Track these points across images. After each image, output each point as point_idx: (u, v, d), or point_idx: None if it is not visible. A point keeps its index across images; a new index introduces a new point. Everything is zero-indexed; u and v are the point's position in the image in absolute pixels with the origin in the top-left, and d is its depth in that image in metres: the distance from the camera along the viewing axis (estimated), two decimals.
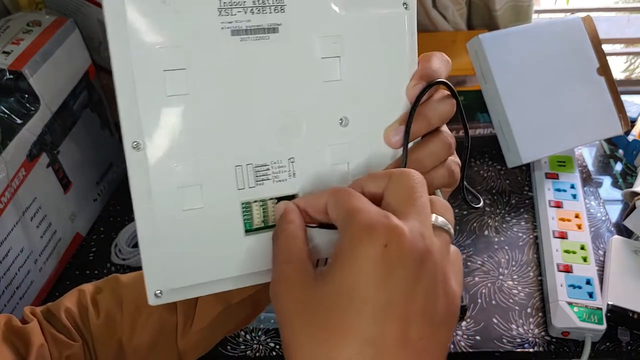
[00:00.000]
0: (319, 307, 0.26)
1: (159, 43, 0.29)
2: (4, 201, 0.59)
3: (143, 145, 0.29)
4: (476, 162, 0.87)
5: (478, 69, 0.77)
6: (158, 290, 0.31)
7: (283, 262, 0.28)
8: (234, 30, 0.30)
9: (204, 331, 0.42)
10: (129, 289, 0.43)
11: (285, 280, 0.27)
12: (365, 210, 0.26)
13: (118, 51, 0.28)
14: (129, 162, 0.30)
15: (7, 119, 0.60)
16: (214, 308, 0.41)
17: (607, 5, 1.20)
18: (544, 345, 0.64)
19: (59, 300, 0.44)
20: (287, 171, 0.32)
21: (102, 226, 0.79)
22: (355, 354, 0.24)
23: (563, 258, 0.68)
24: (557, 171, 0.80)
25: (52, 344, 0.41)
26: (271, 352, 0.65)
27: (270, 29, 0.30)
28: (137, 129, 0.29)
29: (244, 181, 0.32)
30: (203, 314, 0.41)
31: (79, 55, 0.71)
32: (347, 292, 0.25)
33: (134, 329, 0.42)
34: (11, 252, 0.62)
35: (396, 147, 0.33)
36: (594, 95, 0.80)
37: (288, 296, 0.27)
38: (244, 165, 0.31)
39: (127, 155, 0.30)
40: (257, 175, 0.32)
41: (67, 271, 0.74)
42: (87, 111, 0.74)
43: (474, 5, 0.90)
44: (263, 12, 0.30)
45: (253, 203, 0.32)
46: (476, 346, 0.64)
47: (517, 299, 0.69)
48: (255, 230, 0.33)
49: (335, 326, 0.25)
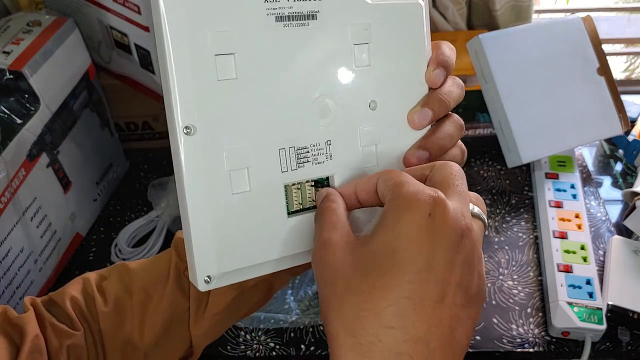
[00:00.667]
0: (364, 264, 0.28)
1: (211, 28, 0.29)
2: (4, 201, 0.59)
3: (194, 130, 0.30)
4: (476, 162, 0.87)
5: (478, 69, 0.77)
6: (208, 275, 0.31)
7: (327, 230, 0.30)
8: (278, 17, 0.31)
9: (218, 316, 0.42)
10: (139, 276, 0.42)
11: (330, 245, 0.29)
12: (413, 183, 0.29)
13: (172, 37, 0.28)
14: (180, 147, 0.30)
15: (7, 119, 0.60)
16: (229, 293, 0.41)
17: (607, 5, 1.20)
18: (544, 345, 0.64)
19: (62, 289, 0.43)
20: (325, 154, 0.34)
21: (102, 226, 0.79)
22: (394, 305, 0.27)
23: (563, 258, 0.68)
24: (557, 171, 0.80)
25: (52, 333, 0.40)
26: (271, 352, 0.65)
27: (309, 16, 0.32)
28: (189, 114, 0.29)
29: (287, 164, 0.33)
30: (218, 298, 0.41)
31: (79, 55, 0.71)
32: (391, 252, 0.27)
33: (145, 316, 0.41)
34: (11, 252, 0.62)
35: (419, 129, 0.36)
36: (594, 95, 0.80)
37: (333, 258, 0.29)
38: (287, 148, 0.33)
39: (178, 140, 0.30)
40: (299, 157, 0.33)
41: (67, 271, 0.74)
42: (87, 111, 0.74)
43: (474, 5, 0.90)
44: (303, 0, 0.31)
45: (292, 186, 0.33)
46: (476, 346, 0.64)
47: (517, 299, 0.69)
48: (294, 213, 0.34)
49: (377, 281, 0.27)
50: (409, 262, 0.27)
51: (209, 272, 0.31)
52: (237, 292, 0.41)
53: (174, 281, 0.41)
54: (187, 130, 0.29)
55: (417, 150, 0.35)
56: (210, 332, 0.43)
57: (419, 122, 0.35)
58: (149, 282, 0.42)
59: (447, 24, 0.89)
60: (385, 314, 0.27)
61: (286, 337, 0.66)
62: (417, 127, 0.36)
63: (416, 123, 0.35)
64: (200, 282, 0.31)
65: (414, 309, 0.27)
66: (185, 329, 0.42)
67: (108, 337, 0.42)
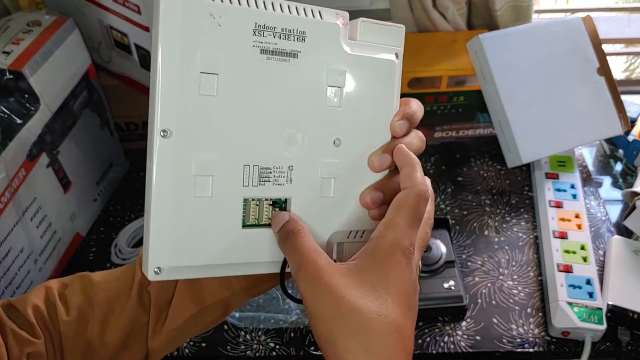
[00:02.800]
0: (362, 271, 0.33)
1: (202, 48, 0.33)
2: (4, 201, 0.59)
3: (170, 134, 0.33)
4: (476, 162, 0.87)
5: (478, 69, 0.77)
6: (158, 266, 0.34)
7: (308, 252, 0.34)
8: (263, 50, 0.35)
9: (175, 331, 0.44)
10: (102, 287, 0.44)
11: (320, 269, 0.33)
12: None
13: (163, 47, 0.32)
14: (155, 147, 0.33)
15: (7, 119, 0.60)
16: (188, 309, 0.43)
17: (607, 5, 1.19)
18: (544, 345, 0.64)
19: (24, 296, 0.43)
20: (286, 177, 0.37)
21: (102, 226, 0.79)
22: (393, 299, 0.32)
23: (563, 258, 0.68)
24: (557, 171, 0.80)
25: (13, 341, 0.40)
26: (271, 352, 0.65)
27: (291, 54, 0.36)
28: (168, 118, 0.33)
29: (249, 179, 0.36)
30: (176, 314, 0.43)
31: (79, 55, 0.71)
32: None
33: (106, 327, 0.43)
34: (11, 252, 0.62)
35: (377, 171, 0.39)
36: (594, 95, 0.80)
37: (330, 281, 0.32)
38: (252, 165, 0.36)
39: (154, 140, 0.33)
40: (261, 176, 0.36)
41: (67, 271, 0.74)
42: (87, 111, 0.74)
43: (474, 5, 0.90)
44: (288, 39, 0.35)
45: (251, 201, 0.36)
46: (476, 346, 0.64)
47: (517, 299, 0.69)
48: (249, 226, 0.37)
49: (379, 280, 0.33)
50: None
51: (160, 264, 0.34)
52: (195, 310, 0.43)
53: (136, 296, 0.43)
54: (164, 133, 0.33)
55: (372, 191, 0.38)
56: (166, 345, 0.45)
57: (377, 165, 0.38)
58: (112, 295, 0.43)
59: (447, 24, 0.88)
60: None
61: (286, 337, 0.66)
62: (375, 170, 0.39)
63: (375, 166, 0.38)
64: (151, 272, 0.34)
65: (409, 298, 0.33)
66: (143, 342, 0.44)
67: (68, 346, 0.43)
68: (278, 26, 0.35)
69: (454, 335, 0.65)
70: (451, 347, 0.64)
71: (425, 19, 0.88)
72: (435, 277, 0.67)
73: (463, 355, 0.64)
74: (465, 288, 0.69)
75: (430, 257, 0.68)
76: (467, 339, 0.65)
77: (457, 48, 0.85)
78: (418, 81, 0.83)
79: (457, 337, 0.65)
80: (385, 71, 0.39)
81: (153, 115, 0.33)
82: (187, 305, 0.43)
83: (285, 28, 0.35)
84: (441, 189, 0.83)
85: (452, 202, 0.81)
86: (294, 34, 0.35)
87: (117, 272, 0.45)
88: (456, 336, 0.65)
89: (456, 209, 0.80)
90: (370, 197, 0.38)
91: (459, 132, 0.86)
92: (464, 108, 0.88)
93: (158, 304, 0.43)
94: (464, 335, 0.65)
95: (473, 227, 0.77)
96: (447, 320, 0.67)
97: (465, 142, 0.86)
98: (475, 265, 0.73)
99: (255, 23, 0.34)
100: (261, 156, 0.36)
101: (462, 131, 0.85)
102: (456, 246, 0.74)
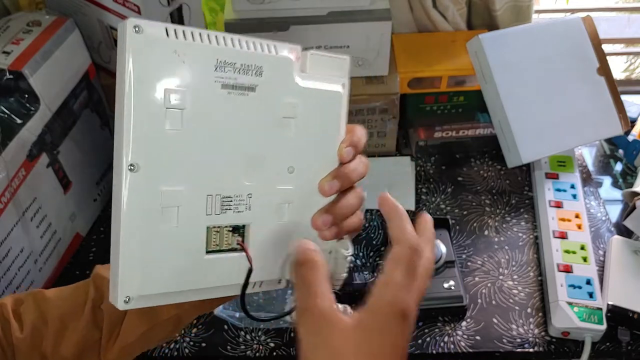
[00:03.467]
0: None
1: (166, 84, 0.34)
2: (4, 201, 0.59)
3: (137, 168, 0.34)
4: (476, 162, 0.87)
5: (478, 69, 0.77)
6: (127, 296, 0.35)
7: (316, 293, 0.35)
8: (223, 85, 0.36)
9: (127, 348, 0.45)
10: (55, 305, 0.45)
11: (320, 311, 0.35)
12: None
13: (131, 86, 0.33)
14: (121, 181, 0.34)
15: (7, 119, 0.60)
16: (139, 327, 0.44)
17: (607, 5, 1.20)
18: (544, 345, 0.64)
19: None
20: (245, 205, 0.39)
21: (102, 226, 0.79)
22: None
23: (563, 258, 0.69)
24: (557, 171, 0.80)
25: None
26: (271, 352, 0.65)
27: (249, 88, 0.37)
28: (136, 153, 0.34)
29: (212, 208, 0.37)
30: (128, 331, 0.44)
31: (79, 55, 0.71)
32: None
33: (59, 343, 0.44)
34: (11, 252, 0.62)
35: (327, 196, 0.41)
36: (594, 95, 0.80)
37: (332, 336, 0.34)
38: (214, 195, 0.37)
39: (121, 175, 0.34)
40: (223, 205, 0.38)
41: (67, 271, 0.74)
42: (87, 111, 0.74)
43: (474, 5, 0.90)
44: (247, 74, 0.37)
45: (212, 228, 0.38)
46: (476, 346, 0.64)
47: (517, 299, 0.69)
48: (212, 252, 0.38)
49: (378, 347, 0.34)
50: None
51: (129, 293, 0.35)
52: (146, 327, 0.44)
53: (89, 313, 0.44)
54: (132, 167, 0.34)
55: (322, 214, 0.41)
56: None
57: (328, 190, 0.41)
58: (65, 312, 0.44)
59: (447, 24, 0.88)
60: None
61: (286, 337, 0.66)
62: (326, 194, 0.41)
63: (325, 191, 0.41)
64: (120, 302, 0.35)
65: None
66: (96, 357, 0.45)
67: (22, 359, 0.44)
68: (238, 62, 0.36)
69: (454, 335, 0.66)
70: (451, 347, 0.64)
71: (425, 19, 0.88)
72: (435, 277, 0.67)
73: (463, 355, 0.64)
74: (465, 288, 0.69)
75: None
76: (467, 339, 0.65)
77: (457, 48, 0.85)
78: (418, 81, 0.83)
79: (457, 337, 0.65)
80: (333, 101, 0.42)
81: (120, 150, 0.34)
82: (139, 322, 0.44)
83: (244, 64, 0.37)
84: (441, 189, 0.83)
85: (452, 202, 0.81)
86: (252, 69, 0.37)
87: (70, 289, 0.46)
88: (456, 336, 0.65)
89: (456, 209, 0.80)
90: (322, 220, 0.41)
91: (459, 132, 0.86)
92: (464, 108, 0.88)
93: (111, 321, 0.44)
94: (464, 335, 0.65)
95: (473, 227, 0.77)
96: (447, 320, 0.67)
97: (465, 142, 0.86)
98: (475, 265, 0.73)
99: (217, 59, 0.36)
100: (223, 185, 0.38)
101: (462, 131, 0.85)
102: (456, 246, 0.74)
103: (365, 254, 0.74)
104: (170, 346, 0.66)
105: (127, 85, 0.33)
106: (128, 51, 0.33)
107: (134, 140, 0.34)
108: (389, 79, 0.81)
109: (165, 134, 0.34)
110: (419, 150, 0.87)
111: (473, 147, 0.87)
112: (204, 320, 0.68)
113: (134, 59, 0.33)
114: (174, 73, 0.34)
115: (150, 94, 0.34)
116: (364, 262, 0.73)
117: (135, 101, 0.33)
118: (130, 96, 0.33)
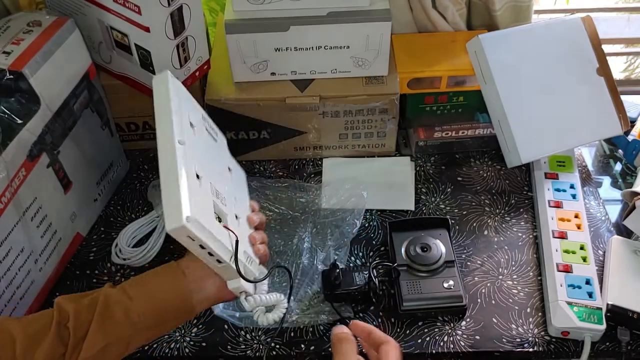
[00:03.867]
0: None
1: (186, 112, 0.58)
2: (4, 201, 0.59)
3: (182, 143, 0.53)
4: (476, 162, 0.87)
5: (478, 69, 0.77)
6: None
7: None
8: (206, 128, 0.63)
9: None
10: (21, 329, 0.50)
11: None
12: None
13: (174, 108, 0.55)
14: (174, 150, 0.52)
15: (7, 119, 0.60)
16: (97, 344, 0.51)
17: (607, 5, 1.20)
18: (544, 345, 0.64)
19: None
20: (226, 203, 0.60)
21: (102, 226, 0.79)
22: None
23: (563, 258, 0.69)
24: (557, 171, 0.80)
25: None
26: (271, 351, 0.65)
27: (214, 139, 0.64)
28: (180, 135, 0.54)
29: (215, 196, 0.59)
30: (89, 347, 0.51)
31: (79, 55, 0.71)
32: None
33: (30, 358, 0.49)
34: (11, 252, 0.62)
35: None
36: (594, 95, 0.80)
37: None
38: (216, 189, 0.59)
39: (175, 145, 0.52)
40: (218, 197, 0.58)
41: (67, 271, 0.74)
42: (87, 111, 0.74)
43: (473, 6, 0.90)
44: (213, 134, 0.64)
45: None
46: (476, 346, 0.64)
47: (517, 298, 0.69)
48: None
49: None
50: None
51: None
52: (103, 344, 0.51)
53: (55, 332, 0.50)
54: (180, 141, 0.53)
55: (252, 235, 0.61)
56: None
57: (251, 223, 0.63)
58: (32, 334, 0.50)
59: (446, 25, 0.88)
60: None
61: (286, 337, 0.66)
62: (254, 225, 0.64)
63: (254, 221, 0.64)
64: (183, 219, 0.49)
65: None
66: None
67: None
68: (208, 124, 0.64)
69: (454, 334, 0.66)
70: (451, 347, 0.64)
71: (425, 19, 0.88)
72: (435, 276, 0.67)
73: (462, 354, 0.64)
74: (465, 288, 0.69)
75: (430, 257, 0.68)
76: (466, 338, 0.65)
77: (456, 48, 0.85)
78: (418, 81, 0.83)
79: (456, 337, 0.65)
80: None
81: (170, 131, 0.53)
82: (97, 339, 0.51)
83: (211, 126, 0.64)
84: (441, 189, 0.83)
85: (451, 202, 0.81)
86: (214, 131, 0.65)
87: (35, 316, 0.52)
88: (456, 336, 0.65)
89: (456, 209, 0.80)
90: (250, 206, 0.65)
91: (459, 132, 0.86)
92: (464, 108, 0.88)
93: (76, 337, 0.50)
94: (463, 335, 0.65)
95: (473, 227, 0.77)
96: (447, 319, 0.67)
97: (465, 142, 0.86)
98: (474, 265, 0.73)
99: (201, 115, 0.63)
100: (222, 186, 0.60)
101: (461, 131, 0.85)
102: (456, 246, 0.74)
103: (365, 254, 0.74)
104: (171, 346, 0.66)
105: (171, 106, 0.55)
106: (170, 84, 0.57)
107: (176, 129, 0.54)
108: (389, 79, 0.81)
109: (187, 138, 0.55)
110: (418, 150, 0.87)
111: (473, 147, 0.87)
112: (204, 320, 0.68)
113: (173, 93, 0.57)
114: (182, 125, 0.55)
115: (182, 114, 0.56)
116: (364, 262, 0.73)
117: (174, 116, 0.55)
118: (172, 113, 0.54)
